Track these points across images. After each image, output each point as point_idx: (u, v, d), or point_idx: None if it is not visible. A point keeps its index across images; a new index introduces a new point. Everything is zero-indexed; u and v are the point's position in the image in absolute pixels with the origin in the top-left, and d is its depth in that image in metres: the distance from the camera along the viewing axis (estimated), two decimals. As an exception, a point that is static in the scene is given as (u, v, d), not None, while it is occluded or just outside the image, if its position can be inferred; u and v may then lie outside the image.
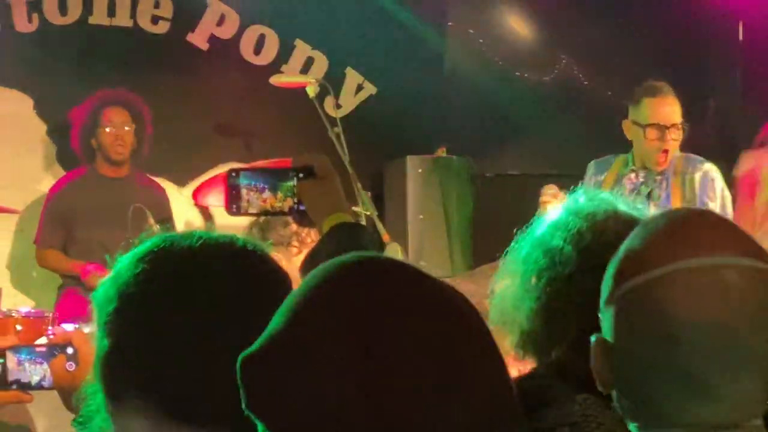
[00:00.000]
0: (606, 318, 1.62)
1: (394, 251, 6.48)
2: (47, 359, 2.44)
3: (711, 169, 5.84)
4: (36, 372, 2.45)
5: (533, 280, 2.25)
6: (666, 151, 5.76)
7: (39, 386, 2.44)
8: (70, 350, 2.43)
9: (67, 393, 2.43)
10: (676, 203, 5.67)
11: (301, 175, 2.31)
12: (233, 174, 2.32)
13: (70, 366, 2.41)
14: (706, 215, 1.69)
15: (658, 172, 5.79)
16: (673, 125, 5.74)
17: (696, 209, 1.77)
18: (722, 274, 1.54)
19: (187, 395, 1.65)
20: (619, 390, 1.63)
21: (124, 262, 1.74)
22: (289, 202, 2.31)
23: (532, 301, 2.24)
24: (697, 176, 5.80)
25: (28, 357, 2.45)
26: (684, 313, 1.53)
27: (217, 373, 1.59)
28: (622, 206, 2.32)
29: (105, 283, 1.75)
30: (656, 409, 1.58)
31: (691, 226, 1.62)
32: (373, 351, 1.25)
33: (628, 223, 2.26)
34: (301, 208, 2.30)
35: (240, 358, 1.34)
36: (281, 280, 1.75)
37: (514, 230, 2.42)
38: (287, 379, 1.28)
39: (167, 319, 1.67)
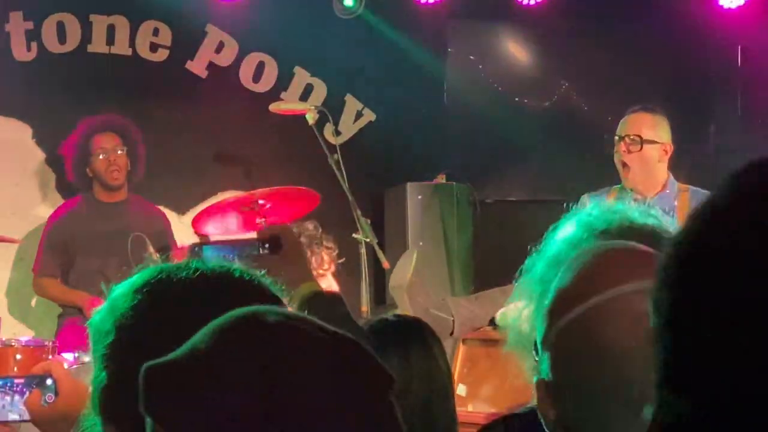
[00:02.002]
0: (544, 359, 1.62)
1: (409, 255, 6.45)
2: (23, 393, 2.44)
3: None
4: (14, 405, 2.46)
5: None
6: (623, 164, 5.65)
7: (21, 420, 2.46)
8: (49, 381, 2.43)
9: (47, 426, 2.43)
10: None
11: (266, 245, 2.32)
12: (196, 249, 2.33)
13: (50, 398, 2.41)
14: (630, 246, 1.71)
15: (661, 202, 5.61)
16: (627, 135, 5.63)
17: (618, 243, 1.78)
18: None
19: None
20: (566, 429, 1.62)
21: (120, 293, 1.73)
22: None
23: None
24: None
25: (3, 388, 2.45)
26: (619, 340, 1.54)
27: None
28: (636, 215, 2.28)
29: (101, 312, 1.74)
30: None
31: (616, 257, 1.66)
32: (275, 381, 1.26)
33: (643, 233, 2.22)
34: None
35: (146, 365, 1.34)
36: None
37: (515, 257, 2.39)
38: (192, 388, 1.29)
39: (165, 351, 1.67)
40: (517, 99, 7.99)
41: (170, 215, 7.26)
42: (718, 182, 1.06)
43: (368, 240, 5.86)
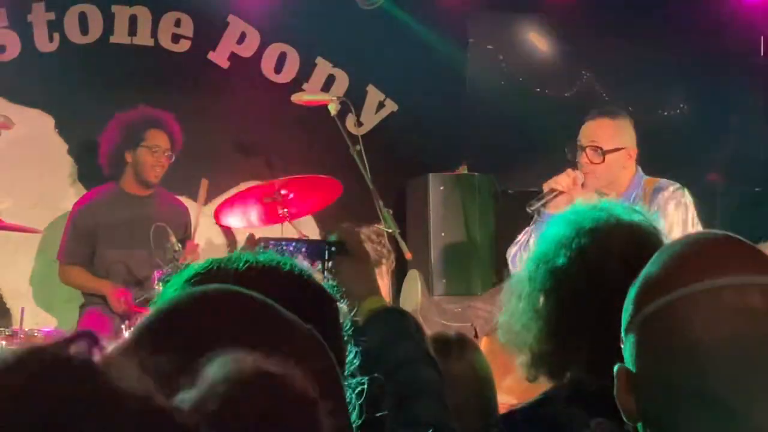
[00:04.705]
0: (627, 346, 1.57)
1: (413, 278, 6.48)
2: None
3: (674, 195, 5.27)
4: None
5: (540, 300, 2.22)
6: (585, 174, 5.34)
7: None
8: None
9: None
10: None
11: (333, 248, 2.26)
12: (262, 245, 2.28)
13: None
14: (726, 237, 1.62)
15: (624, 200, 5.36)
16: (589, 146, 5.37)
17: (716, 232, 1.69)
18: (746, 294, 1.48)
19: None
20: (645, 420, 1.56)
21: (171, 283, 1.76)
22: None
23: (541, 323, 2.21)
24: (659, 204, 5.24)
25: None
26: (706, 336, 1.46)
27: None
28: (620, 211, 2.29)
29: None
30: None
31: (711, 248, 1.57)
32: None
33: (630, 230, 2.23)
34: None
35: None
36: (327, 304, 1.75)
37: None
38: None
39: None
40: (538, 89, 7.97)
41: (191, 206, 7.26)
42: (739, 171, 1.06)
43: (390, 231, 5.84)
